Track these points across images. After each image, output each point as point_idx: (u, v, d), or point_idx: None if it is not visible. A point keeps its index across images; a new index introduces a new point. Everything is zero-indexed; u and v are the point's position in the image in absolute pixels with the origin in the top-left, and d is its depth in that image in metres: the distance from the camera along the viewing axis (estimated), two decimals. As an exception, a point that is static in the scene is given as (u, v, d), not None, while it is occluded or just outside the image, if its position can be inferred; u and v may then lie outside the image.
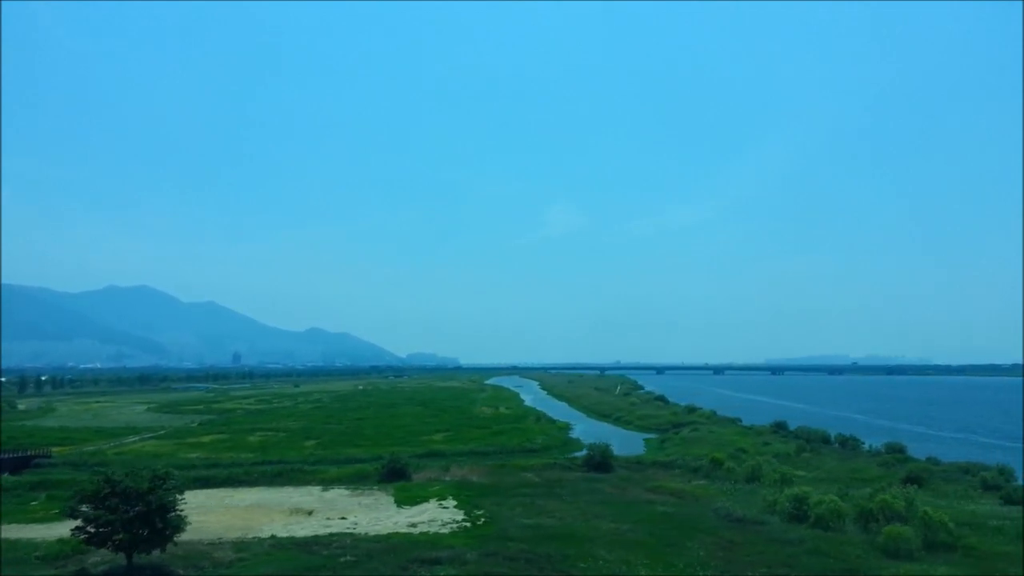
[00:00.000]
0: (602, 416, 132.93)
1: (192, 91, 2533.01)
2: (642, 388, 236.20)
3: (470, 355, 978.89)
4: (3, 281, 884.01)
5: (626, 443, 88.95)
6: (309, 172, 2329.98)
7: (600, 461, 62.03)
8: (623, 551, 34.71)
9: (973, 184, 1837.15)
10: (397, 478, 56.74)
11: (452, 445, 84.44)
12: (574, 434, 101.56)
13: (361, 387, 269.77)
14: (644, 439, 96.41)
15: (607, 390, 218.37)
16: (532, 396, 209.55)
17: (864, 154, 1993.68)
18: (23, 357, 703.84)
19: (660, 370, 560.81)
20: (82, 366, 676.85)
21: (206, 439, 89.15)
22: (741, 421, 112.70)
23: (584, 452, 69.43)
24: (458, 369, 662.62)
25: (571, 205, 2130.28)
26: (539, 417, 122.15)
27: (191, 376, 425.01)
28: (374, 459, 66.19)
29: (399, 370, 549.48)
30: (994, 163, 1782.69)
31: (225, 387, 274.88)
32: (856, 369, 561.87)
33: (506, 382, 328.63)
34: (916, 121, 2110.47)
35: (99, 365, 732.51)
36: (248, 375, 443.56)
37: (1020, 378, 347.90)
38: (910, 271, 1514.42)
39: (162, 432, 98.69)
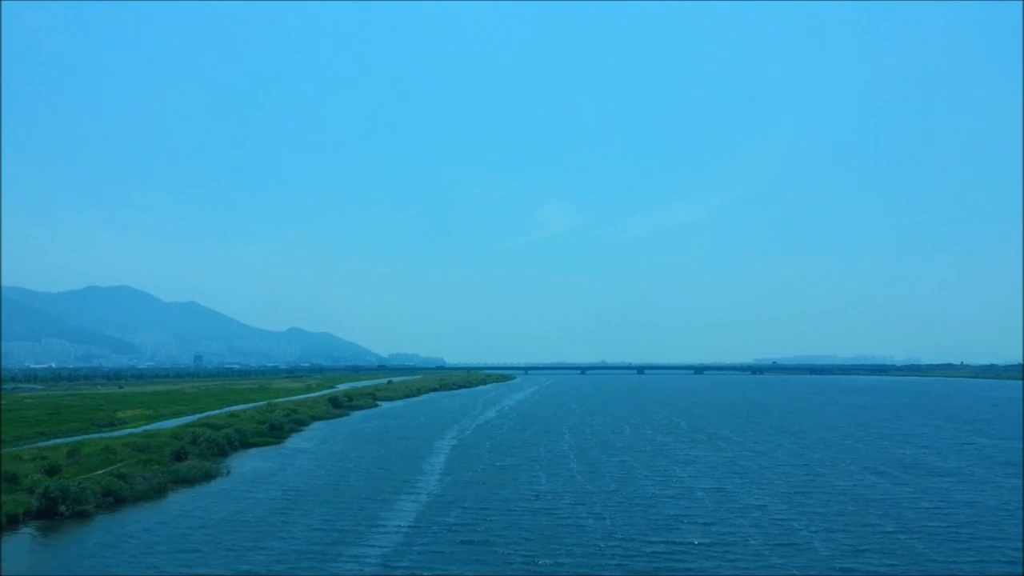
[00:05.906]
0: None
1: (180, 90, 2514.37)
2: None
3: (459, 356, 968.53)
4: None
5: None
6: (297, 171, 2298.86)
7: None
8: None
9: (972, 183, 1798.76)
10: None
11: None
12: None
13: (186, 388, 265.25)
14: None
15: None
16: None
17: (861, 153, 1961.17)
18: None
19: (583, 370, 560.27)
20: (35, 366, 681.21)
21: None
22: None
23: None
24: (441, 368, 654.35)
25: (566, 204, 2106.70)
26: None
27: (122, 375, 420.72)
28: None
29: (319, 370, 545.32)
30: (993, 162, 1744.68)
31: (57, 387, 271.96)
32: (777, 368, 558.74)
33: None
34: (914, 120, 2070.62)
35: (53, 365, 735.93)
36: (179, 374, 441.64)
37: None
38: (910, 271, 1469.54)
39: None
